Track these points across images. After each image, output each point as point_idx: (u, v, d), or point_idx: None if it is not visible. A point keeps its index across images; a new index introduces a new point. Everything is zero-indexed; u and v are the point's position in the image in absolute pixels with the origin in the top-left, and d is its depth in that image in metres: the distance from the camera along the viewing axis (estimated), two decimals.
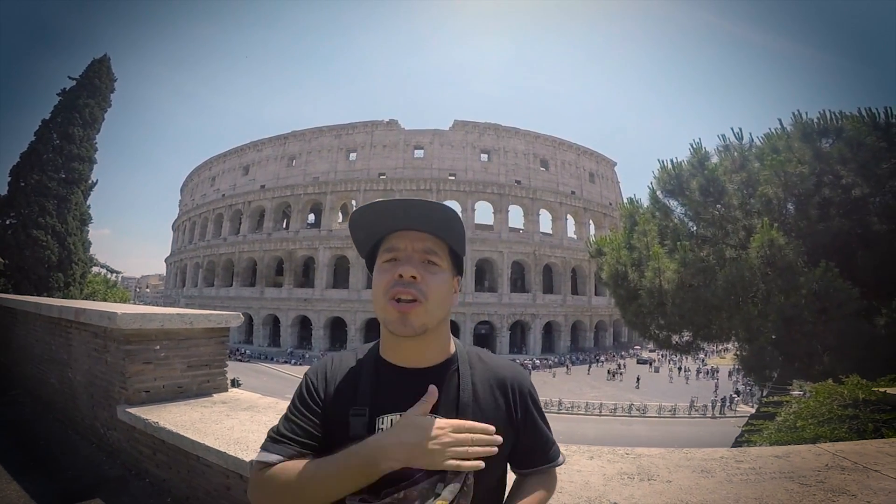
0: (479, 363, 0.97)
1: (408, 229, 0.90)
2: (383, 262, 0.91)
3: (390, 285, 0.87)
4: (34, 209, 26.71)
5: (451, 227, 0.91)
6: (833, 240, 9.13)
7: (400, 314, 0.86)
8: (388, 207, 0.89)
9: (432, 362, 0.93)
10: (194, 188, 67.80)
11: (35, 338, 4.58)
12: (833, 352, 8.73)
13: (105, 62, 31.66)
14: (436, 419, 0.82)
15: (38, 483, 2.66)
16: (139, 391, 2.96)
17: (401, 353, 0.93)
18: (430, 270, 0.89)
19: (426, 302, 0.86)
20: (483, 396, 0.93)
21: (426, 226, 0.90)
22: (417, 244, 0.90)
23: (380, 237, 0.93)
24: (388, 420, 0.87)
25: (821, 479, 1.85)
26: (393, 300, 0.86)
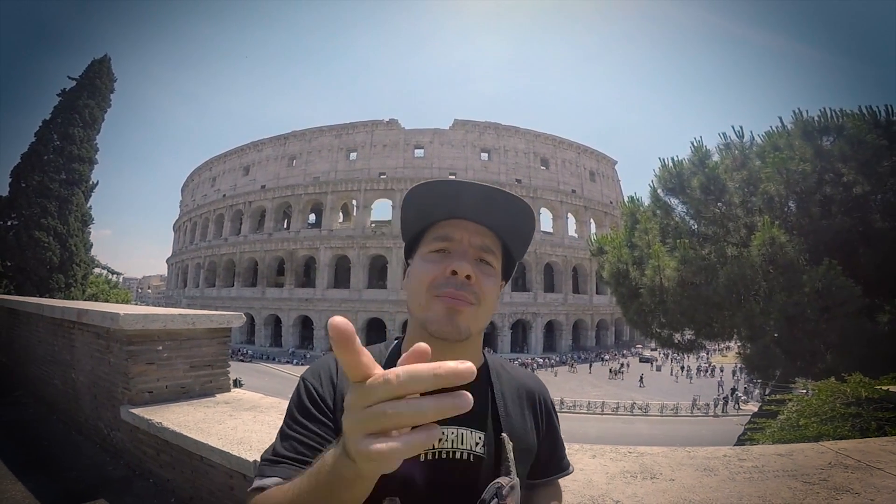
0: (504, 372, 0.90)
1: (467, 219, 0.78)
2: (431, 251, 0.78)
3: (438, 281, 0.75)
4: (35, 210, 26.75)
5: (517, 225, 0.81)
6: (835, 237, 9.11)
7: (448, 310, 0.73)
8: (448, 188, 0.76)
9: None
10: (195, 188, 67.83)
11: (38, 339, 4.59)
12: (835, 350, 8.72)
13: (105, 62, 31.68)
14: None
15: (42, 483, 2.67)
16: (142, 392, 2.97)
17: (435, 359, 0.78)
18: (484, 271, 0.78)
19: (479, 306, 0.76)
20: (512, 407, 0.86)
21: (488, 218, 0.79)
22: (475, 238, 0.78)
23: (432, 221, 0.79)
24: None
25: (824, 477, 1.85)
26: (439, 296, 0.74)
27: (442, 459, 0.75)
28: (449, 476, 0.75)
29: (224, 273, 56.14)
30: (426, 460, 0.74)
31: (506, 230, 0.81)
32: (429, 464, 0.74)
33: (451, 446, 0.76)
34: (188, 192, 70.28)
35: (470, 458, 0.77)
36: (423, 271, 0.77)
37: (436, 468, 0.74)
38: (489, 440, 0.79)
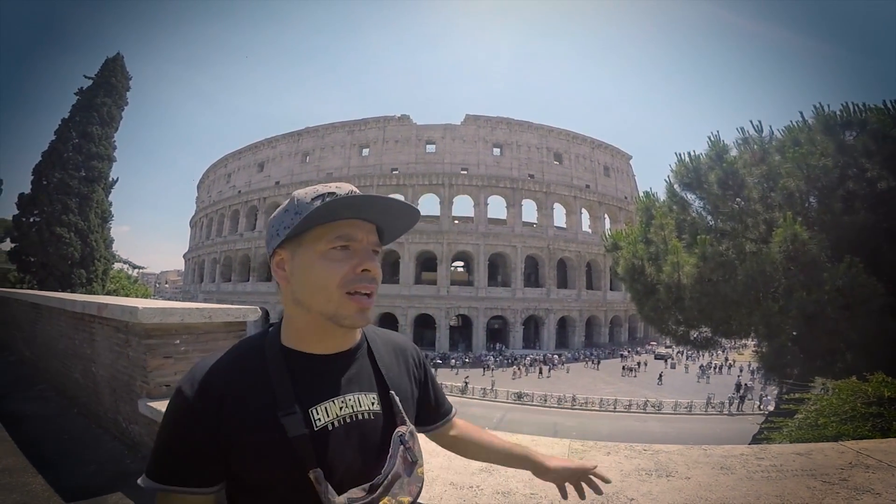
0: (377, 336, 1.00)
1: (364, 220, 0.85)
2: (331, 248, 0.82)
3: (349, 278, 0.81)
4: (57, 207, 27.34)
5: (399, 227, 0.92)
6: (858, 234, 8.89)
7: (360, 309, 0.82)
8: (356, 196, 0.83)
9: (351, 345, 0.91)
10: (210, 185, 68.72)
11: (59, 333, 4.69)
12: (856, 349, 8.53)
13: (119, 60, 32.11)
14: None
15: (62, 476, 2.72)
16: (160, 385, 3.02)
17: (324, 342, 0.87)
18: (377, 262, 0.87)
19: (375, 293, 0.86)
20: (391, 365, 0.97)
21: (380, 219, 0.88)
22: (371, 237, 0.86)
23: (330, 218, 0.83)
24: (322, 409, 0.82)
25: (844, 476, 1.82)
26: (351, 293, 0.81)
27: (348, 423, 0.84)
28: (357, 436, 0.84)
29: (240, 268, 56.87)
30: (336, 427, 0.83)
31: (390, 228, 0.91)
32: (339, 430, 0.83)
33: (351, 410, 0.86)
34: (204, 189, 71.24)
35: (370, 416, 0.87)
36: (331, 269, 0.82)
37: (346, 432, 0.84)
38: (381, 398, 0.90)
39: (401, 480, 0.83)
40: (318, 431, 0.80)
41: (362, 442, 0.85)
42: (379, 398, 0.90)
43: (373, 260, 0.84)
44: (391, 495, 0.81)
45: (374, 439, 0.86)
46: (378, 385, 0.91)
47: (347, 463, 0.81)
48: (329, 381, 0.86)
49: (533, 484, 1.82)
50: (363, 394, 0.88)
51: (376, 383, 0.91)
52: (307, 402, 0.82)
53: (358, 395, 0.87)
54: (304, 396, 0.82)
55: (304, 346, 0.87)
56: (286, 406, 0.79)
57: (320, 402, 0.83)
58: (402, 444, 0.86)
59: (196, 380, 0.81)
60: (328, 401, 0.84)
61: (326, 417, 0.82)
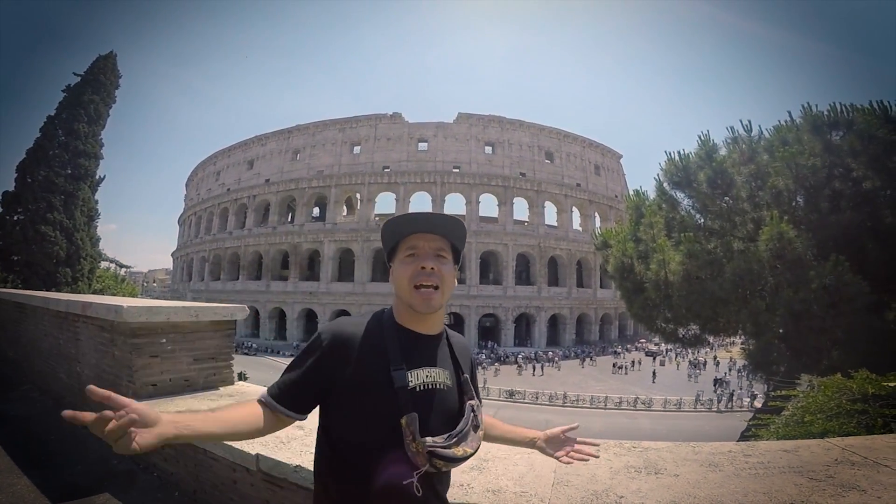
0: (452, 335, 1.29)
1: (425, 232, 1.16)
2: (405, 256, 1.16)
3: (415, 274, 1.13)
4: (41, 205, 26.87)
5: (454, 230, 1.19)
6: (844, 233, 9.02)
7: (424, 299, 1.13)
8: (411, 217, 1.17)
9: (437, 330, 1.22)
10: (199, 183, 68.01)
11: (44, 332, 4.62)
12: (842, 346, 8.65)
13: (111, 59, 31.64)
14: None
15: (48, 477, 2.68)
16: (146, 385, 2.98)
17: (420, 324, 1.18)
18: (441, 262, 1.16)
19: (442, 286, 1.15)
20: (462, 355, 1.26)
21: (439, 230, 1.18)
22: (432, 244, 1.16)
23: (402, 237, 1.18)
24: (416, 373, 1.10)
25: (830, 473, 1.83)
26: (416, 287, 1.13)
27: (430, 389, 1.12)
28: (436, 399, 1.12)
29: (229, 266, 56.38)
30: (421, 390, 1.10)
31: (451, 234, 1.20)
32: (423, 392, 1.10)
33: (434, 379, 1.13)
34: (193, 187, 70.49)
35: (445, 387, 1.15)
36: (404, 271, 1.15)
37: (429, 395, 1.11)
38: (452, 376, 1.19)
39: (469, 437, 1.11)
40: (409, 389, 1.08)
41: (438, 405, 1.12)
42: (452, 376, 1.19)
43: (431, 260, 1.15)
44: (460, 446, 1.07)
45: (447, 405, 1.14)
46: (453, 366, 1.21)
47: (429, 417, 1.08)
48: (423, 354, 1.15)
49: (523, 482, 1.82)
50: (441, 370, 1.17)
51: (451, 365, 1.21)
52: (408, 364, 1.10)
53: (438, 369, 1.16)
54: (407, 360, 1.11)
55: (408, 324, 1.17)
56: (397, 364, 1.09)
57: (415, 367, 1.11)
58: (473, 411, 1.16)
59: (334, 330, 1.13)
60: (418, 369, 1.12)
61: (416, 381, 1.10)
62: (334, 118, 55.22)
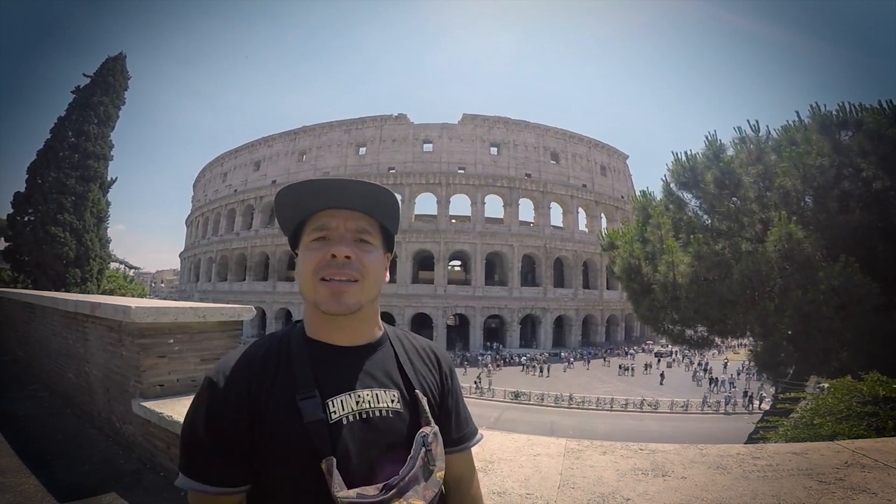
0: (405, 338, 0.99)
1: (339, 207, 0.88)
2: (311, 240, 0.87)
3: (321, 265, 0.84)
4: (52, 206, 27.15)
5: (382, 205, 0.91)
6: (853, 233, 8.93)
7: (331, 293, 0.83)
8: (319, 185, 0.87)
9: (368, 339, 0.92)
10: (206, 184, 68.44)
11: (53, 332, 4.66)
12: (851, 348, 8.57)
13: (119, 60, 31.91)
14: None
15: (55, 476, 2.70)
16: (153, 385, 3.00)
17: (335, 332, 0.88)
18: (363, 249, 0.88)
19: (363, 280, 0.86)
20: (419, 366, 0.95)
21: (359, 204, 0.88)
22: (350, 223, 0.88)
23: (307, 215, 0.89)
24: (338, 402, 0.82)
25: (840, 476, 1.81)
26: (326, 280, 0.84)
27: (364, 419, 0.83)
28: (373, 432, 0.83)
29: (236, 267, 56.69)
30: (350, 422, 0.81)
31: (375, 209, 0.90)
32: (354, 424, 0.82)
33: (369, 406, 0.84)
34: (200, 188, 70.96)
35: (389, 413, 0.85)
36: (308, 258, 0.86)
37: (362, 427, 0.82)
38: (402, 397, 0.88)
39: (417, 484, 0.80)
40: (333, 423, 0.80)
41: (379, 439, 0.83)
42: (401, 396, 0.88)
43: (343, 244, 0.85)
44: (404, 498, 0.77)
45: (393, 438, 0.84)
46: (401, 383, 0.90)
47: (361, 458, 0.80)
48: (346, 374, 0.86)
49: (528, 484, 1.81)
50: (382, 390, 0.87)
51: (399, 381, 0.90)
52: (325, 391, 0.82)
53: (376, 391, 0.86)
54: (323, 385, 0.83)
55: (323, 336, 0.88)
56: (305, 390, 0.81)
57: (337, 394, 0.83)
58: (425, 445, 0.83)
59: (225, 369, 0.83)
60: (344, 394, 0.83)
61: (342, 410, 0.82)
62: (340, 119, 55.43)
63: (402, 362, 0.93)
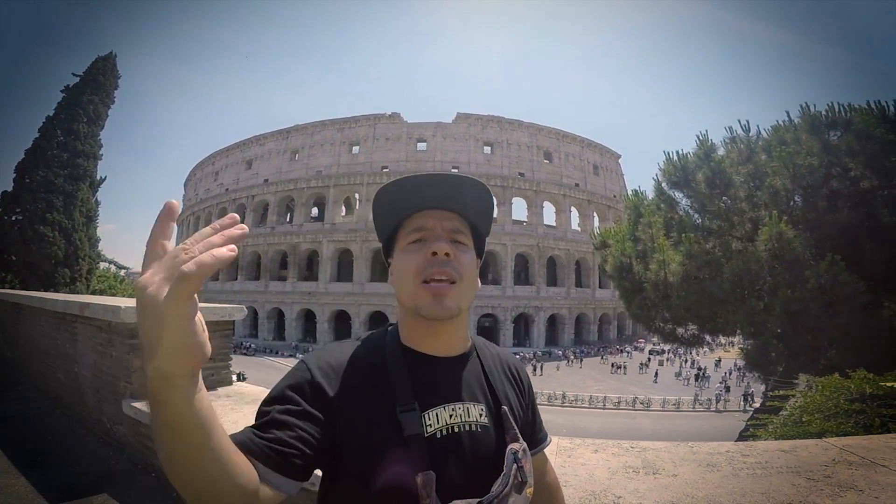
0: (487, 350, 0.96)
1: (434, 208, 0.85)
2: (409, 243, 0.85)
3: (422, 266, 0.81)
4: (40, 205, 26.81)
5: (478, 205, 0.88)
6: (841, 232, 9.04)
7: (433, 296, 0.80)
8: (414, 183, 0.85)
9: (460, 350, 0.89)
10: (198, 183, 67.94)
11: (41, 333, 4.61)
12: (839, 346, 8.68)
13: (110, 59, 31.57)
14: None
15: (46, 478, 2.68)
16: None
17: (432, 342, 0.85)
18: (459, 249, 0.84)
19: (461, 282, 0.82)
20: (503, 380, 0.93)
21: (454, 204, 0.86)
22: (446, 223, 0.85)
23: (403, 216, 0.87)
24: (433, 415, 0.79)
25: (828, 473, 1.84)
26: (427, 282, 0.80)
27: (455, 433, 0.80)
28: (464, 447, 0.79)
29: (227, 267, 56.19)
30: (443, 436, 0.78)
31: (470, 211, 0.88)
32: (446, 438, 0.79)
33: (460, 420, 0.81)
34: (191, 187, 70.42)
35: (478, 428, 0.82)
36: (408, 261, 0.83)
37: (454, 441, 0.79)
38: (489, 411, 0.85)
39: (512, 500, 0.77)
40: (427, 437, 0.77)
41: (469, 454, 0.79)
42: (487, 411, 0.85)
43: (442, 242, 0.82)
44: None
45: (481, 453, 0.81)
46: (489, 397, 0.87)
47: (452, 473, 0.76)
48: (441, 386, 0.83)
49: None
50: (472, 404, 0.84)
51: (486, 395, 0.87)
52: (422, 403, 0.79)
53: (467, 405, 0.83)
54: (420, 397, 0.79)
55: (418, 345, 0.85)
56: (406, 403, 0.77)
57: (433, 406, 0.80)
58: (516, 462, 0.80)
59: (322, 359, 0.81)
60: (439, 407, 0.81)
61: (436, 424, 0.79)
62: (333, 118, 55.24)
63: (490, 376, 0.90)
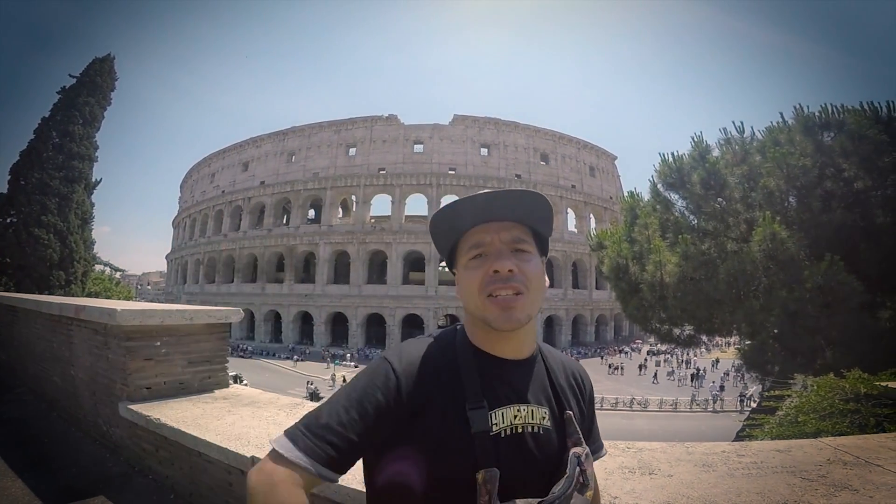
0: (550, 355, 0.99)
1: (490, 220, 0.87)
2: (469, 259, 0.87)
3: (486, 282, 0.83)
4: (35, 208, 26.72)
5: (532, 210, 0.89)
6: (836, 233, 9.08)
7: (501, 309, 0.82)
8: (465, 203, 0.86)
9: (528, 353, 0.92)
10: (194, 185, 67.73)
11: (37, 335, 4.59)
12: (836, 346, 8.71)
13: (108, 61, 31.53)
14: None
15: (42, 481, 2.67)
16: (140, 388, 2.97)
17: (503, 345, 0.88)
18: (522, 259, 0.86)
19: (528, 292, 0.84)
20: (567, 385, 0.96)
21: (509, 213, 0.87)
22: (504, 234, 0.87)
23: (459, 235, 0.89)
24: (500, 414, 0.82)
25: (823, 473, 1.85)
26: (493, 296, 0.83)
27: (519, 434, 0.83)
28: (528, 448, 0.83)
29: (223, 269, 56.16)
30: (508, 435, 0.82)
31: (527, 217, 0.89)
32: (510, 438, 0.82)
33: (524, 421, 0.84)
34: (187, 189, 70.20)
35: (541, 430, 0.85)
36: (470, 278, 0.86)
37: (518, 441, 0.82)
38: (552, 415, 0.88)
39: (573, 502, 0.79)
40: (493, 435, 0.80)
41: (530, 455, 0.83)
42: (550, 414, 0.88)
43: (503, 258, 0.84)
44: None
45: (542, 455, 0.84)
46: (552, 401, 0.90)
47: (514, 473, 0.79)
48: (508, 387, 0.86)
49: None
50: (536, 406, 0.87)
51: (549, 399, 0.90)
52: (490, 403, 0.82)
53: (532, 406, 0.86)
54: (488, 397, 0.83)
55: (488, 347, 0.88)
56: (475, 401, 0.81)
57: (498, 406, 0.83)
58: (580, 465, 0.82)
59: (404, 356, 0.85)
60: (504, 407, 0.84)
61: (502, 423, 0.82)
62: (330, 120, 55.24)
63: (554, 380, 0.93)
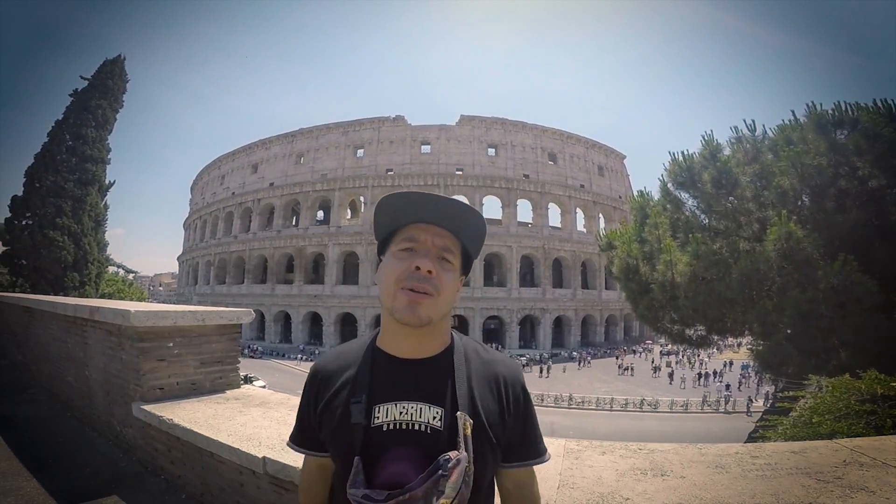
0: (476, 357, 0.98)
1: (431, 223, 0.91)
2: (399, 249, 0.92)
3: (404, 275, 0.88)
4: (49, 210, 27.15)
5: (470, 227, 0.94)
6: (850, 232, 8.94)
7: (409, 302, 0.87)
8: (417, 199, 0.91)
9: (428, 354, 0.95)
10: (204, 187, 68.37)
11: (52, 336, 4.66)
12: (851, 347, 8.57)
13: (118, 63, 31.91)
14: None
15: (57, 480, 2.71)
16: (153, 388, 3.00)
17: (400, 344, 0.94)
18: (444, 267, 0.91)
19: (437, 297, 0.88)
20: (479, 390, 0.94)
21: (449, 223, 0.92)
22: (437, 240, 0.91)
23: (401, 224, 0.93)
24: (383, 409, 0.89)
25: (838, 475, 1.82)
26: (402, 289, 0.87)
27: (402, 430, 0.88)
28: (407, 445, 0.86)
29: (234, 270, 56.62)
30: (388, 430, 0.88)
31: (464, 233, 0.94)
32: (391, 433, 0.87)
33: (410, 418, 0.88)
34: (198, 191, 70.88)
35: (427, 430, 0.88)
36: (392, 266, 0.90)
37: (396, 437, 0.87)
38: (446, 416, 0.89)
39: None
40: (373, 427, 0.88)
41: (412, 452, 0.86)
42: (444, 416, 0.89)
43: (429, 259, 0.89)
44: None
45: (425, 454, 0.85)
46: (447, 402, 0.91)
47: (389, 466, 0.85)
48: (398, 385, 0.92)
49: None
50: (427, 406, 0.90)
51: (446, 400, 0.91)
52: (375, 398, 0.90)
53: (422, 405, 0.90)
54: (376, 392, 0.91)
55: (387, 347, 0.96)
56: (357, 395, 0.90)
57: (385, 402, 0.90)
58: (442, 469, 0.81)
59: (323, 358, 1.02)
60: (391, 403, 0.90)
61: (384, 418, 0.88)
62: (337, 122, 55.46)
63: (457, 381, 0.93)
